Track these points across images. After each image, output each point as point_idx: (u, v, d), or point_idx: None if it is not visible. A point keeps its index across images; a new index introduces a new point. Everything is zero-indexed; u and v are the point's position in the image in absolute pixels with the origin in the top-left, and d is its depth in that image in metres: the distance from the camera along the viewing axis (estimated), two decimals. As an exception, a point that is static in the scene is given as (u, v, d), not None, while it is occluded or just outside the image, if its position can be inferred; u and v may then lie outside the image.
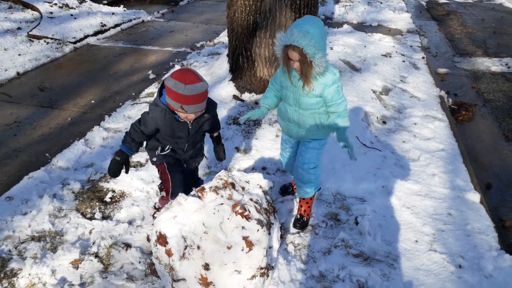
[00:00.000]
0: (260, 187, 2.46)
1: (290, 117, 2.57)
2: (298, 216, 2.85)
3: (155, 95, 2.31)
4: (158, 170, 2.55)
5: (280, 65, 2.48)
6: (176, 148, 2.44)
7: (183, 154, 2.49)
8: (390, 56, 6.17)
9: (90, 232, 2.77)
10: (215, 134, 2.69)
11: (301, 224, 2.82)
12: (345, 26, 7.58)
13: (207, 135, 2.67)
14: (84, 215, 2.96)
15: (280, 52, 2.31)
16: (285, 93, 2.53)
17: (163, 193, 2.54)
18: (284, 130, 2.75)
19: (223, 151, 2.77)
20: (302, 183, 2.69)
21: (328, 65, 2.32)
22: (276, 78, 2.61)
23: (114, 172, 2.38)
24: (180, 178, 2.50)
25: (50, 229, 2.79)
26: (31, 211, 2.93)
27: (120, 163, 2.36)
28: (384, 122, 4.29)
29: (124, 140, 2.34)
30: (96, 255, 2.58)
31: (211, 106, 2.41)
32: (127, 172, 2.43)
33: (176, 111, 2.17)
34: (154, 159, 2.47)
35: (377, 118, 4.34)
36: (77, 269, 2.47)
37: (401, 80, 5.39)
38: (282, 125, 2.73)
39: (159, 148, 2.41)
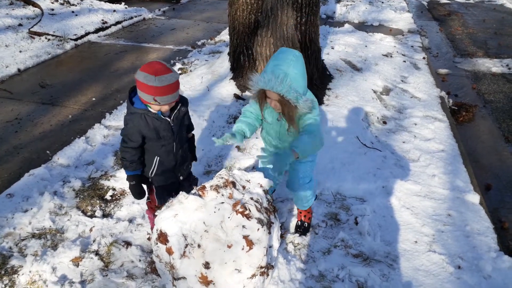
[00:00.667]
0: (261, 186, 2.46)
1: (275, 145, 2.49)
2: (299, 222, 2.83)
3: (127, 105, 2.22)
4: (148, 187, 2.50)
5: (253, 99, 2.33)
6: (164, 155, 2.31)
7: (174, 158, 2.36)
8: (391, 56, 6.17)
9: (91, 230, 2.78)
10: (190, 135, 2.55)
11: (303, 230, 2.80)
12: (346, 25, 7.58)
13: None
14: (84, 212, 2.97)
15: (256, 91, 2.19)
16: (266, 126, 2.42)
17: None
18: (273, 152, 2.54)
19: (195, 156, 2.61)
20: (298, 196, 2.65)
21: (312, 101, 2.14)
22: (254, 107, 2.41)
23: (138, 194, 2.38)
24: (165, 198, 2.40)
25: (50, 226, 2.79)
26: (31, 208, 2.94)
27: (137, 185, 2.34)
28: (385, 122, 4.30)
29: (125, 166, 2.30)
30: (97, 253, 2.58)
31: (185, 101, 2.35)
32: (149, 187, 2.44)
33: (149, 104, 2.13)
34: (149, 179, 2.42)
35: (378, 118, 4.35)
36: (78, 266, 2.48)
37: (402, 80, 5.40)
38: (269, 147, 2.57)
39: (150, 169, 2.34)
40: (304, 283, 2.42)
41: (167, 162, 2.35)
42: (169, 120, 2.23)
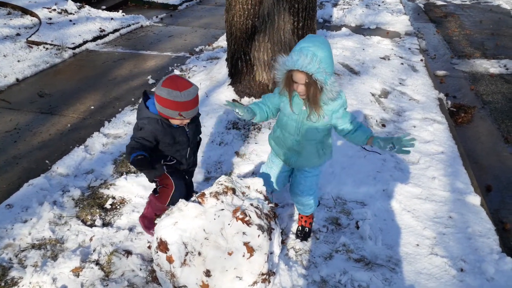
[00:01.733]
0: (261, 192, 2.46)
1: (289, 146, 2.39)
2: (300, 227, 2.82)
3: (140, 109, 2.20)
4: (157, 182, 2.47)
5: (279, 88, 2.26)
6: (178, 158, 2.39)
7: (186, 163, 2.45)
8: (389, 59, 6.18)
9: (91, 239, 2.76)
10: (198, 139, 2.55)
11: (304, 235, 2.79)
12: (344, 29, 7.60)
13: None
14: (84, 222, 2.95)
15: (281, 76, 2.12)
16: (285, 121, 2.32)
17: (157, 199, 2.51)
18: (280, 157, 2.54)
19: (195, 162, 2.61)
20: (301, 205, 2.64)
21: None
22: (273, 99, 2.36)
23: (151, 169, 2.24)
24: (183, 185, 2.49)
25: (50, 236, 2.78)
26: (31, 219, 2.93)
27: (145, 160, 2.06)
28: (384, 125, 4.30)
29: (129, 153, 2.09)
30: (97, 263, 2.57)
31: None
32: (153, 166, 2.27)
33: (171, 119, 2.15)
34: (157, 170, 2.37)
35: (377, 121, 4.35)
36: (78, 277, 2.47)
37: (400, 83, 5.40)
38: (278, 152, 2.52)
39: (164, 159, 2.36)
40: (306, 289, 2.41)
41: (178, 165, 2.42)
42: (185, 127, 2.28)
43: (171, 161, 2.38)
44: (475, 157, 4.19)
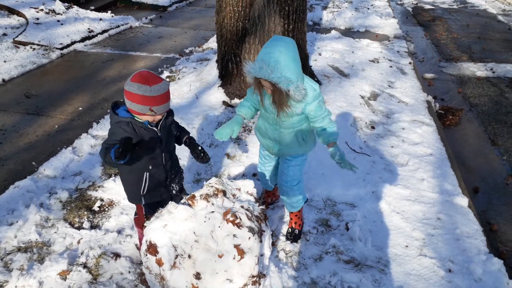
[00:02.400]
0: (251, 194, 2.45)
1: (270, 136, 2.46)
2: (290, 229, 2.82)
3: (111, 117, 2.12)
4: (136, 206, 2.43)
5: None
6: (154, 168, 2.24)
7: (163, 170, 2.29)
8: (378, 62, 6.23)
9: (78, 242, 2.73)
10: (186, 137, 2.41)
11: (294, 237, 2.79)
12: (333, 32, 7.64)
13: (183, 147, 2.46)
14: (72, 224, 2.91)
15: (251, 80, 2.19)
16: (264, 113, 2.40)
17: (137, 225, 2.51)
18: (264, 147, 2.63)
19: (204, 152, 2.36)
20: (288, 199, 2.65)
21: (307, 86, 2.18)
22: (250, 93, 2.46)
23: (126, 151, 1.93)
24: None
25: (37, 239, 2.73)
26: (17, 221, 2.87)
27: (126, 143, 1.90)
28: (373, 127, 4.33)
29: (105, 155, 1.98)
30: (85, 266, 2.53)
31: (171, 111, 2.28)
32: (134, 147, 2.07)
33: (142, 115, 2.05)
34: (137, 199, 2.31)
35: (366, 123, 4.38)
36: (65, 280, 2.43)
37: (389, 85, 5.45)
38: (262, 142, 2.60)
39: (142, 186, 2.25)
40: (296, 291, 2.41)
41: (157, 175, 2.27)
42: (156, 129, 2.16)
43: (147, 183, 2.25)
44: (463, 159, 4.25)
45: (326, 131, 2.31)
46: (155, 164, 2.23)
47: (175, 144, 2.41)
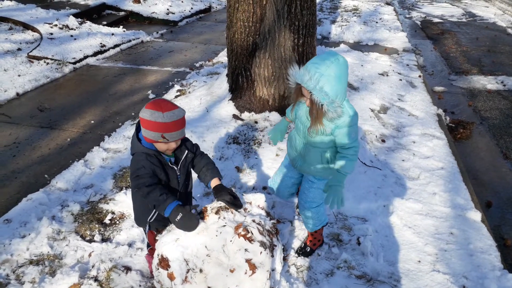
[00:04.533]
0: (262, 208, 2.44)
1: (296, 147, 2.46)
2: (303, 244, 2.82)
3: (133, 143, 2.10)
4: (146, 233, 2.43)
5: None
6: None
7: None
8: (387, 75, 6.24)
9: (90, 255, 2.74)
10: (215, 182, 2.24)
11: (304, 253, 2.78)
12: (342, 45, 7.69)
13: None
14: (83, 237, 2.93)
15: (294, 85, 2.23)
16: (297, 123, 2.42)
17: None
18: (290, 158, 2.61)
19: (236, 197, 2.23)
20: (305, 218, 2.64)
21: (344, 109, 2.15)
22: (288, 113, 2.60)
23: (194, 222, 2.06)
24: None
25: (48, 252, 2.75)
26: (29, 234, 2.90)
27: (187, 214, 2.00)
28: (383, 141, 4.31)
29: (162, 206, 1.98)
30: (96, 279, 2.54)
31: (190, 142, 2.27)
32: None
33: (155, 143, 2.04)
34: (142, 224, 2.33)
35: (376, 136, 4.37)
36: (77, 293, 2.43)
37: (399, 99, 5.44)
38: (289, 152, 2.60)
39: (150, 216, 2.25)
40: (307, 306, 2.38)
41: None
42: (176, 168, 2.16)
43: (154, 214, 2.24)
44: (475, 173, 4.20)
45: (346, 160, 2.25)
46: None
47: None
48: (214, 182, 2.25)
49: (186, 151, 2.18)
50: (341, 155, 2.28)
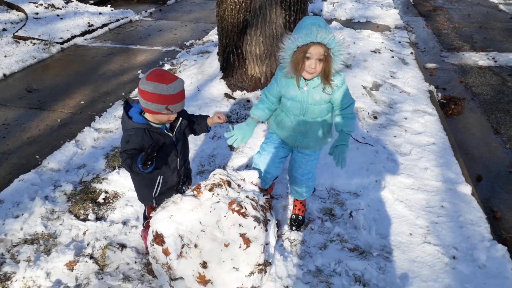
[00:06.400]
0: (256, 184, 2.45)
1: (295, 128, 2.40)
2: (293, 215, 2.84)
3: (124, 121, 2.07)
4: (145, 208, 2.44)
5: (281, 73, 2.27)
6: (168, 173, 2.23)
7: (177, 175, 2.28)
8: (379, 52, 6.21)
9: (84, 234, 2.74)
10: (200, 121, 2.39)
11: (298, 223, 2.81)
12: (334, 23, 7.61)
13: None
14: (77, 216, 2.92)
15: (290, 56, 2.12)
16: (290, 104, 2.33)
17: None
18: (285, 139, 2.54)
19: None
20: (299, 188, 2.66)
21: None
22: (272, 90, 2.38)
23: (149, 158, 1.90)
24: None
25: (43, 231, 2.75)
26: (23, 214, 2.89)
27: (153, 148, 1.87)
28: (375, 118, 4.32)
29: (131, 164, 1.96)
30: (91, 256, 2.55)
31: (185, 114, 2.26)
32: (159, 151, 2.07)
33: (157, 114, 2.02)
34: (149, 200, 2.31)
35: (368, 113, 4.37)
36: (72, 271, 2.45)
37: (391, 76, 5.44)
38: (282, 134, 2.52)
39: (154, 189, 2.25)
40: (301, 278, 2.42)
41: (171, 180, 2.27)
42: (171, 135, 2.15)
43: (159, 187, 2.25)
44: (466, 148, 4.25)
45: (347, 119, 2.35)
46: (169, 169, 2.21)
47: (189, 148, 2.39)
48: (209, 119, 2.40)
49: (180, 118, 2.17)
50: (341, 116, 2.36)
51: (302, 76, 2.21)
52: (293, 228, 2.81)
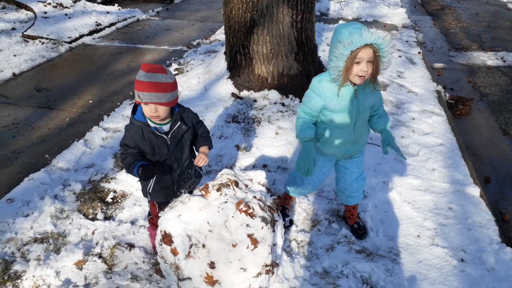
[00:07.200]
0: (263, 185, 2.46)
1: (347, 139, 2.34)
2: (356, 225, 2.78)
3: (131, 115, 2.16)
4: (148, 202, 2.49)
5: (326, 85, 2.20)
6: (160, 174, 2.23)
7: (170, 178, 2.27)
8: (387, 52, 6.16)
9: (93, 233, 2.77)
10: (203, 150, 2.29)
11: (363, 231, 2.77)
12: (341, 22, 7.58)
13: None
14: (86, 216, 2.95)
15: (343, 64, 2.04)
16: (340, 117, 2.25)
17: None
18: (335, 155, 2.46)
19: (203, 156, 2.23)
20: (357, 192, 2.61)
21: None
22: (315, 106, 2.27)
23: (149, 176, 2.11)
24: None
25: (52, 230, 2.78)
26: (32, 213, 2.92)
27: (147, 172, 2.04)
28: (383, 118, 4.30)
29: (129, 171, 2.09)
30: (100, 256, 2.58)
31: (191, 116, 2.26)
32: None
33: (142, 105, 2.03)
34: (145, 194, 2.37)
35: (376, 114, 4.35)
36: (81, 270, 2.47)
37: (398, 76, 5.41)
38: (331, 151, 2.42)
39: (148, 185, 2.28)
40: (308, 280, 2.43)
41: (163, 181, 2.27)
42: (165, 137, 2.13)
43: (151, 185, 2.29)
44: (474, 149, 4.22)
45: (385, 117, 2.42)
46: (161, 170, 2.20)
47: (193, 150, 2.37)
48: (202, 150, 2.28)
49: (179, 123, 2.16)
50: (379, 115, 2.41)
51: (350, 82, 2.15)
52: (363, 236, 2.75)
